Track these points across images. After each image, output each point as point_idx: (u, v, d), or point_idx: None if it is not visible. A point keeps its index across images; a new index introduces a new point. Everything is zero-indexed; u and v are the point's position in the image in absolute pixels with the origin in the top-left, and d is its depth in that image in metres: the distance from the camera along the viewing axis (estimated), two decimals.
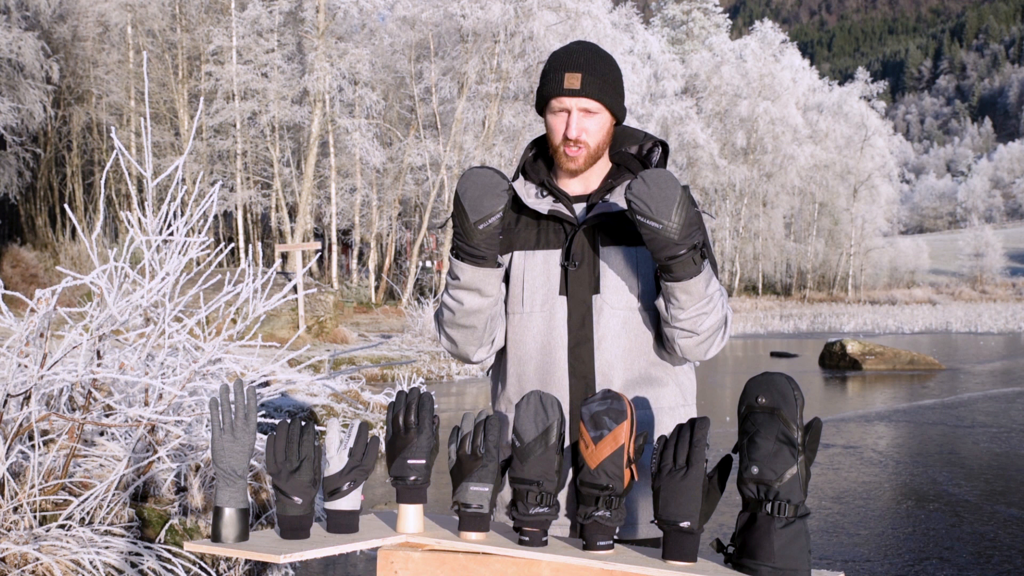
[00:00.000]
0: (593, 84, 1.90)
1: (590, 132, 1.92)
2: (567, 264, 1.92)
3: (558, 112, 1.92)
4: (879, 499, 6.39)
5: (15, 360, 3.59)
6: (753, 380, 1.58)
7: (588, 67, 1.90)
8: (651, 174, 1.68)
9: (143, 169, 4.09)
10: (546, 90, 1.93)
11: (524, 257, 1.97)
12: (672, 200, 1.66)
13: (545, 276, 1.94)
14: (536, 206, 1.96)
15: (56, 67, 25.02)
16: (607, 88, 1.92)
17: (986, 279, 69.87)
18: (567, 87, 1.89)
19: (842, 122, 55.22)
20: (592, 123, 1.92)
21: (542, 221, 1.98)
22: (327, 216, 31.86)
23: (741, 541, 1.54)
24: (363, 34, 32.37)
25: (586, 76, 1.89)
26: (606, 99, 1.91)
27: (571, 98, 1.90)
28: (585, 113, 1.91)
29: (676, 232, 1.66)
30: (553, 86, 1.91)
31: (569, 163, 1.94)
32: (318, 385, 8.55)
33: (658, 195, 1.66)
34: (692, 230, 1.69)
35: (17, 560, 3.29)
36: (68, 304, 9.31)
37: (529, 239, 1.97)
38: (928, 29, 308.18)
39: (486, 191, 1.74)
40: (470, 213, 1.74)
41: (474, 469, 1.69)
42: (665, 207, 1.66)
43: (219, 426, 1.68)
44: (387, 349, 16.54)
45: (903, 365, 16.46)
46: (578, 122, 1.91)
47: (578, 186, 2.00)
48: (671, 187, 1.67)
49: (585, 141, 1.92)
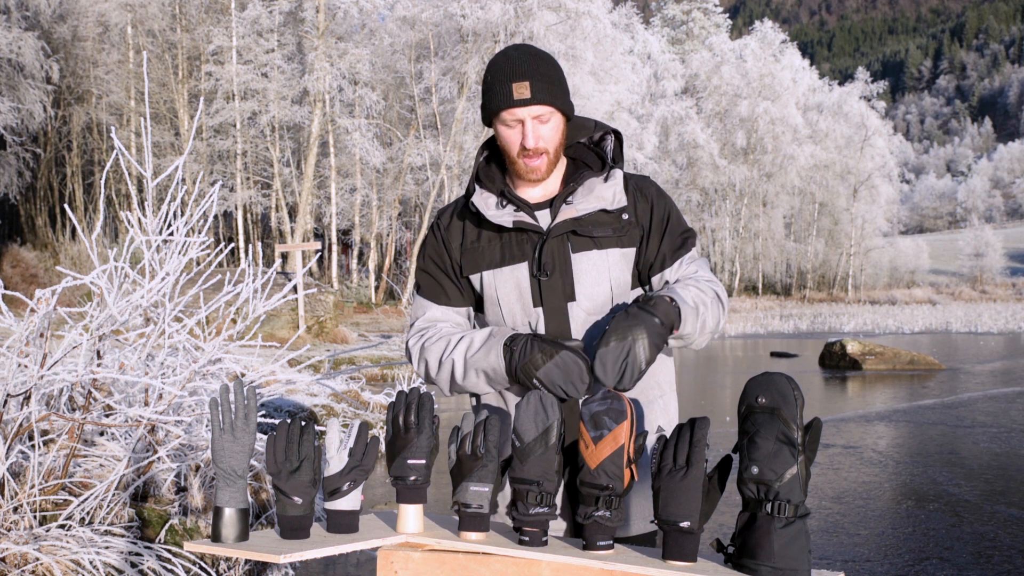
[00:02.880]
0: (542, 89, 1.85)
1: (547, 138, 1.88)
2: (539, 275, 1.89)
3: (511, 124, 1.87)
4: (879, 499, 6.39)
5: (15, 360, 3.59)
6: (753, 380, 1.58)
7: (533, 73, 1.85)
8: (600, 356, 1.69)
9: (143, 169, 4.09)
10: (494, 103, 1.87)
11: (493, 275, 1.94)
12: (621, 364, 1.68)
13: (517, 291, 1.91)
14: (499, 219, 1.91)
15: (56, 67, 25.02)
16: (555, 90, 1.87)
17: (986, 279, 69.84)
18: (517, 97, 1.84)
19: (842, 122, 55.19)
20: (547, 129, 1.88)
21: (505, 234, 1.94)
22: (327, 216, 31.86)
23: (741, 541, 1.54)
24: (363, 34, 32.38)
25: (534, 83, 1.84)
26: (557, 101, 1.87)
27: (522, 108, 1.84)
28: (539, 120, 1.86)
29: (645, 361, 1.69)
30: (502, 98, 1.85)
31: (531, 173, 1.90)
32: (318, 385, 8.55)
33: (562, 380, 1.74)
34: (632, 332, 1.69)
35: (17, 560, 3.29)
36: (68, 304, 9.31)
37: (494, 256, 1.94)
38: (928, 29, 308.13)
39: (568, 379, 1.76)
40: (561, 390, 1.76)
41: (474, 469, 1.69)
42: (574, 386, 1.75)
43: (219, 426, 1.68)
44: (387, 349, 16.54)
45: (903, 365, 16.45)
46: (534, 130, 1.86)
47: (537, 191, 1.96)
48: (570, 367, 1.74)
49: (544, 148, 1.88)
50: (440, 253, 2.00)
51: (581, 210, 1.90)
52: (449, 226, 2.01)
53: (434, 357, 1.92)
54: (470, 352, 1.86)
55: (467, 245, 1.97)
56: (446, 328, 1.98)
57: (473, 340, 1.88)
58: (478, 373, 1.86)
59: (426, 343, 1.95)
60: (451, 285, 2.00)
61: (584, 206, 1.90)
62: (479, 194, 1.96)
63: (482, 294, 1.96)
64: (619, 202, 1.92)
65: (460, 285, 1.99)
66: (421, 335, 1.99)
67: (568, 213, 1.90)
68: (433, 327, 1.98)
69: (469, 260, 1.96)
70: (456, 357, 1.88)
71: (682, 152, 48.14)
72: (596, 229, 1.90)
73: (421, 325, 2.01)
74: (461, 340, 1.89)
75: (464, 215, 2.00)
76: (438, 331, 1.97)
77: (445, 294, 2.00)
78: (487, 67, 1.92)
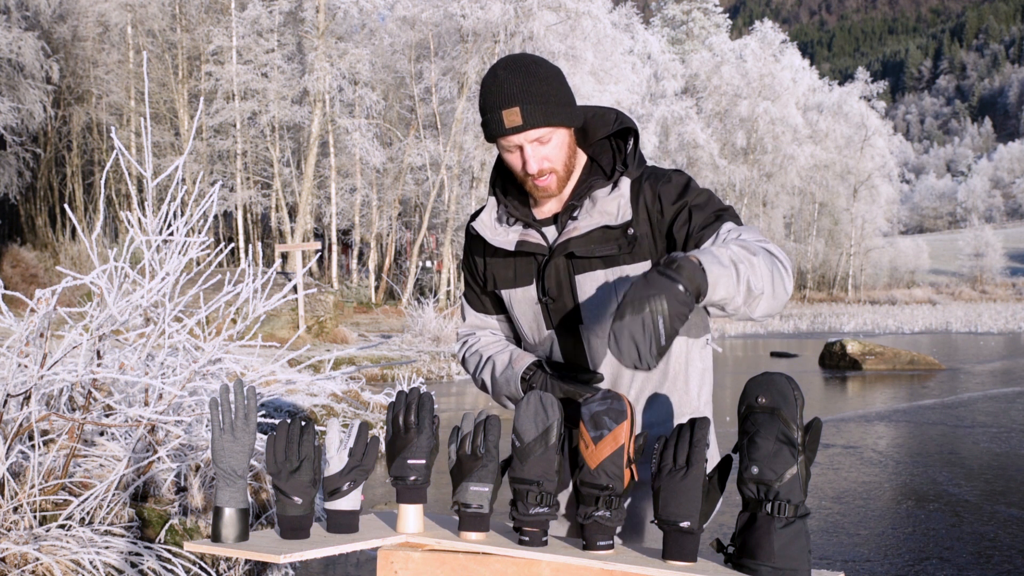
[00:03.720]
0: (534, 113, 1.73)
1: (551, 158, 1.79)
2: (544, 299, 1.87)
3: (511, 149, 1.79)
4: (879, 499, 6.39)
5: (15, 360, 3.59)
6: (753, 380, 1.58)
7: (523, 96, 1.73)
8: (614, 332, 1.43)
9: (143, 169, 4.09)
10: (488, 130, 1.79)
11: (509, 295, 1.93)
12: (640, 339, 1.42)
13: (532, 313, 1.90)
14: (501, 243, 1.87)
15: (56, 67, 25.03)
16: (550, 110, 1.75)
17: (986, 279, 69.87)
18: (509, 126, 1.74)
19: (842, 122, 55.22)
20: (549, 148, 1.78)
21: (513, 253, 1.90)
22: (327, 216, 31.87)
23: (741, 541, 1.54)
24: (363, 34, 32.39)
25: (524, 107, 1.73)
26: (553, 120, 1.76)
27: (516, 135, 1.76)
28: (537, 143, 1.77)
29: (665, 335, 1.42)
30: (495, 127, 1.76)
31: (541, 193, 1.83)
32: (318, 385, 8.55)
33: (628, 345, 1.43)
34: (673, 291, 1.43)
35: (17, 560, 3.29)
36: (68, 304, 9.31)
37: (508, 276, 1.92)
38: (928, 29, 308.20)
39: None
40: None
41: (474, 469, 1.69)
42: (644, 347, 1.42)
43: (219, 426, 1.68)
44: (387, 349, 16.54)
45: (903, 365, 16.45)
46: (534, 154, 1.77)
47: (552, 203, 1.89)
48: (632, 330, 1.41)
49: (549, 168, 1.79)
50: (469, 265, 2.03)
51: (583, 228, 1.81)
52: (475, 237, 1.99)
53: (471, 369, 2.01)
54: (495, 375, 1.93)
55: (488, 259, 1.96)
56: (484, 338, 2.03)
57: (495, 365, 1.93)
58: (503, 397, 1.93)
59: (466, 354, 2.04)
60: (482, 294, 2.01)
61: (587, 223, 1.81)
62: (488, 210, 1.93)
63: (508, 308, 1.97)
64: (623, 216, 1.80)
65: (490, 295, 2.00)
66: (464, 343, 2.06)
67: (570, 231, 1.82)
68: (472, 335, 2.05)
69: (491, 275, 1.95)
70: (485, 378, 1.96)
71: (682, 152, 48.14)
72: (600, 248, 1.80)
73: (463, 332, 2.08)
74: (488, 361, 1.96)
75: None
76: (476, 341, 2.03)
77: (480, 301, 2.03)
78: (480, 86, 1.83)
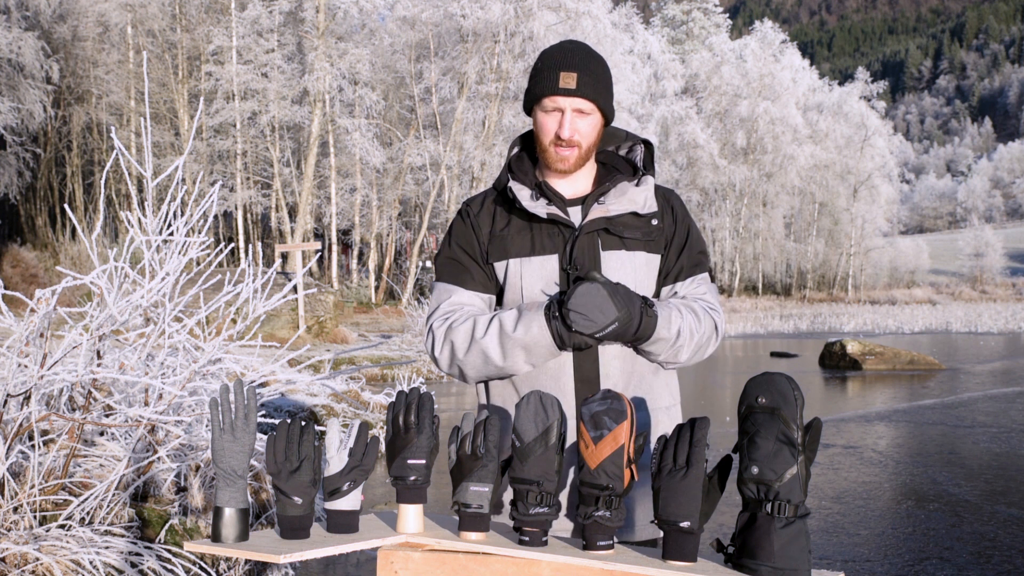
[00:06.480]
0: (588, 84, 1.87)
1: (583, 133, 1.89)
2: (569, 268, 1.89)
3: (551, 111, 1.89)
4: (879, 499, 6.39)
5: (15, 360, 3.59)
6: (753, 380, 1.58)
7: (583, 67, 1.87)
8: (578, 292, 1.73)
9: (143, 169, 4.09)
10: (539, 88, 1.90)
11: (520, 264, 1.93)
12: (606, 307, 1.72)
13: (544, 282, 1.91)
14: (534, 209, 1.91)
15: (56, 67, 25.01)
16: (601, 89, 1.89)
17: (986, 279, 69.83)
18: (563, 86, 1.86)
19: (842, 122, 55.19)
20: (585, 124, 1.89)
21: (535, 225, 1.94)
22: (327, 216, 31.86)
23: (741, 541, 1.54)
24: (363, 34, 32.38)
25: (581, 76, 1.86)
26: (600, 100, 1.89)
27: (566, 98, 1.87)
28: (578, 113, 1.88)
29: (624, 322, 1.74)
30: (547, 84, 1.88)
31: (559, 163, 1.91)
32: (318, 385, 8.55)
33: (592, 307, 1.73)
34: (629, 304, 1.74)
35: (17, 560, 3.29)
36: (68, 304, 9.31)
37: (524, 245, 1.93)
38: (928, 29, 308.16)
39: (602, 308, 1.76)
40: (596, 323, 1.74)
41: (474, 469, 1.69)
42: (603, 314, 1.72)
43: (219, 426, 1.68)
44: (387, 349, 16.54)
45: (903, 365, 16.45)
46: (571, 122, 1.88)
47: (567, 188, 1.97)
48: (597, 295, 1.72)
49: (578, 141, 1.89)
50: (468, 238, 1.99)
51: (612, 211, 1.91)
52: (480, 212, 2.00)
53: (462, 339, 1.88)
54: (504, 329, 1.84)
55: (496, 232, 1.96)
56: (473, 311, 1.94)
57: (503, 320, 1.85)
58: (517, 350, 1.84)
59: (454, 323, 1.90)
60: (478, 270, 1.98)
61: (616, 207, 1.92)
62: (514, 184, 1.96)
63: (504, 283, 1.95)
64: (650, 207, 1.95)
65: (486, 272, 1.98)
66: (446, 318, 1.93)
67: (600, 212, 1.91)
68: (460, 310, 1.93)
69: (497, 247, 1.95)
70: (490, 338, 1.85)
71: (682, 152, 48.13)
72: (626, 231, 1.92)
73: (447, 308, 1.94)
74: (492, 321, 1.86)
75: (497, 202, 2.00)
76: (465, 313, 1.92)
77: (472, 278, 1.97)
78: (539, 56, 1.94)
